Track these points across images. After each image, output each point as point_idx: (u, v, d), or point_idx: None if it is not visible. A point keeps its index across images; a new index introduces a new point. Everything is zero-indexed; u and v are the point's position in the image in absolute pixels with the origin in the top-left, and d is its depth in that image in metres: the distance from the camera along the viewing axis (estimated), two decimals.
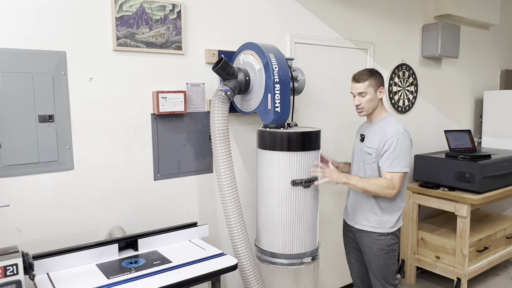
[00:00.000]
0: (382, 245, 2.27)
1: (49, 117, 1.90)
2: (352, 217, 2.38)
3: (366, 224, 2.29)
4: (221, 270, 1.81)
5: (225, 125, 2.11)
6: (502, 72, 4.59)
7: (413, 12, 3.54)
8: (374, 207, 2.26)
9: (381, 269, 2.30)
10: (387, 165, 2.16)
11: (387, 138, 2.17)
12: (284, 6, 2.68)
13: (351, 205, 2.39)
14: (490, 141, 4.10)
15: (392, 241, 2.28)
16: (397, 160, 2.14)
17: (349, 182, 2.16)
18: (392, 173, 2.14)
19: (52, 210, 1.95)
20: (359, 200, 2.32)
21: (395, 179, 2.14)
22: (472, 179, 3.15)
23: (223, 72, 2.11)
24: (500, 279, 3.65)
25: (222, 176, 2.10)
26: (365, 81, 2.20)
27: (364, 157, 2.28)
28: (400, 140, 2.15)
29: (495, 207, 4.20)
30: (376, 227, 2.26)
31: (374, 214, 2.26)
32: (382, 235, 2.26)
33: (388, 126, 2.23)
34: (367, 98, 2.22)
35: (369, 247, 2.30)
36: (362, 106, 2.24)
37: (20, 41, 1.82)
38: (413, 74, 3.59)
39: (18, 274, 1.45)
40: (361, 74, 2.23)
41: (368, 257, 2.33)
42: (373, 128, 2.29)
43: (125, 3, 2.04)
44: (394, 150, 2.14)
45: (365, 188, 2.16)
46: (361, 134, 2.36)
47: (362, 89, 2.21)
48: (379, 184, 2.15)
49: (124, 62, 2.09)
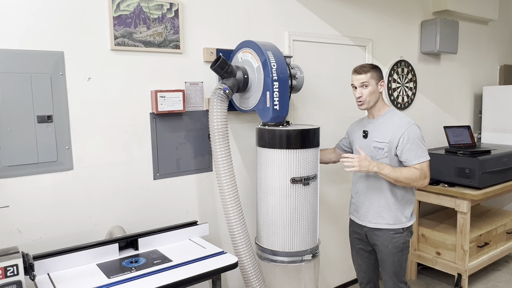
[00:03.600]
0: (397, 243, 2.24)
1: (47, 118, 1.90)
2: (364, 216, 2.32)
3: (381, 221, 2.25)
4: (222, 268, 1.81)
5: (224, 123, 2.11)
6: (501, 67, 4.59)
7: (411, 8, 3.53)
8: (388, 203, 2.23)
9: (395, 266, 2.28)
10: (414, 157, 2.15)
11: (402, 130, 2.16)
12: (282, 4, 2.67)
13: (362, 204, 2.33)
14: (489, 137, 4.10)
15: (407, 238, 2.27)
16: (420, 149, 2.16)
17: (381, 171, 2.11)
18: (421, 163, 2.15)
19: (52, 210, 1.95)
20: (370, 197, 2.28)
21: (424, 168, 2.15)
22: (472, 175, 3.15)
23: (222, 70, 2.11)
24: (501, 274, 3.65)
25: (222, 175, 2.10)
26: (367, 72, 2.20)
27: (374, 153, 2.23)
28: (415, 130, 2.17)
29: (495, 203, 4.21)
30: (392, 224, 2.23)
31: (388, 210, 2.23)
32: (398, 232, 2.24)
33: (395, 119, 2.22)
34: (369, 90, 2.20)
35: (384, 245, 2.26)
36: (364, 98, 2.22)
37: (18, 41, 1.81)
38: (412, 71, 3.59)
39: (18, 275, 1.46)
40: (363, 66, 2.23)
41: (382, 255, 2.29)
42: (378, 123, 2.27)
43: (123, 2, 2.04)
44: (415, 140, 2.15)
45: (397, 178, 2.12)
46: (364, 131, 2.32)
47: (365, 79, 2.19)
48: (412, 174, 2.13)
49: (122, 62, 2.09)
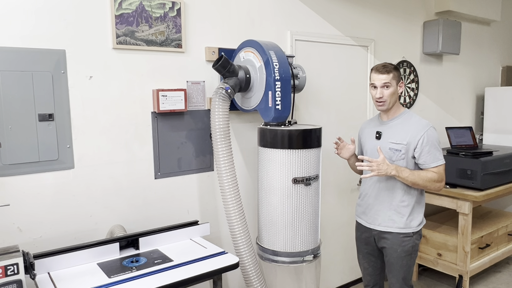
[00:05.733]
0: (406, 247, 2.20)
1: (49, 116, 1.89)
2: (373, 219, 2.26)
3: (391, 225, 2.20)
4: (223, 268, 1.80)
5: (226, 123, 2.10)
6: (504, 68, 4.58)
7: (413, 9, 3.52)
8: (399, 206, 2.18)
9: (403, 270, 2.24)
10: (432, 160, 2.13)
11: (421, 132, 2.12)
12: (284, 3, 2.66)
13: (371, 206, 2.28)
14: (491, 138, 4.09)
15: (416, 242, 2.23)
16: (438, 152, 2.14)
17: (400, 175, 2.08)
18: (438, 167, 2.14)
19: (52, 209, 1.94)
20: (380, 200, 2.23)
21: (441, 171, 2.15)
22: (473, 176, 3.14)
23: (224, 69, 2.10)
24: (502, 276, 3.64)
25: (223, 174, 2.09)
26: (390, 72, 2.13)
27: (390, 154, 2.17)
28: (434, 132, 2.15)
29: (497, 204, 4.20)
30: (402, 227, 2.18)
31: (399, 214, 2.18)
32: (408, 236, 2.20)
33: (413, 120, 2.19)
34: (391, 90, 2.14)
35: (393, 249, 2.22)
36: (385, 99, 2.15)
37: (19, 39, 1.81)
38: (414, 71, 3.58)
39: (19, 274, 1.45)
40: (385, 66, 2.16)
41: (390, 258, 2.25)
42: (392, 124, 2.21)
43: (125, 1, 2.03)
44: (433, 143, 2.13)
45: (415, 182, 2.10)
46: (377, 132, 2.25)
47: (387, 80, 2.12)
48: (430, 177, 2.11)
49: (124, 60, 2.08)
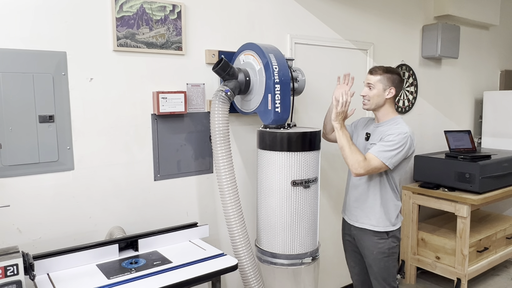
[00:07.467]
0: (382, 249, 2.24)
1: (49, 118, 1.90)
2: (353, 215, 2.32)
3: (366, 222, 2.25)
4: (221, 270, 1.81)
5: (225, 125, 2.11)
6: (502, 72, 4.59)
7: (413, 13, 3.54)
8: (376, 204, 2.21)
9: (382, 272, 2.28)
10: (375, 150, 2.10)
11: (389, 133, 2.12)
12: (284, 7, 2.68)
13: (355, 201, 2.30)
14: (490, 142, 4.10)
15: (392, 244, 2.26)
16: (389, 152, 2.07)
17: (340, 129, 2.13)
18: (375, 158, 2.07)
19: (52, 210, 1.95)
20: (363, 195, 2.25)
21: (372, 163, 2.07)
22: (472, 180, 3.15)
23: (223, 72, 2.11)
24: (501, 279, 3.65)
25: (222, 177, 2.10)
26: (377, 75, 2.19)
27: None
28: (401, 138, 2.08)
29: (495, 207, 4.20)
30: (375, 225, 2.22)
31: (374, 211, 2.22)
32: (383, 238, 2.23)
33: (395, 127, 2.17)
34: (373, 92, 2.19)
35: (369, 250, 2.27)
36: (368, 98, 2.21)
37: (20, 41, 1.82)
38: (413, 75, 3.59)
39: (18, 274, 1.45)
40: (377, 68, 2.22)
41: (368, 260, 2.30)
42: (380, 128, 2.24)
43: (126, 4, 2.04)
44: (394, 144, 2.08)
45: (343, 147, 2.11)
46: (367, 133, 2.30)
47: (371, 81, 2.19)
48: (358, 156, 2.08)
49: (125, 63, 2.09)
